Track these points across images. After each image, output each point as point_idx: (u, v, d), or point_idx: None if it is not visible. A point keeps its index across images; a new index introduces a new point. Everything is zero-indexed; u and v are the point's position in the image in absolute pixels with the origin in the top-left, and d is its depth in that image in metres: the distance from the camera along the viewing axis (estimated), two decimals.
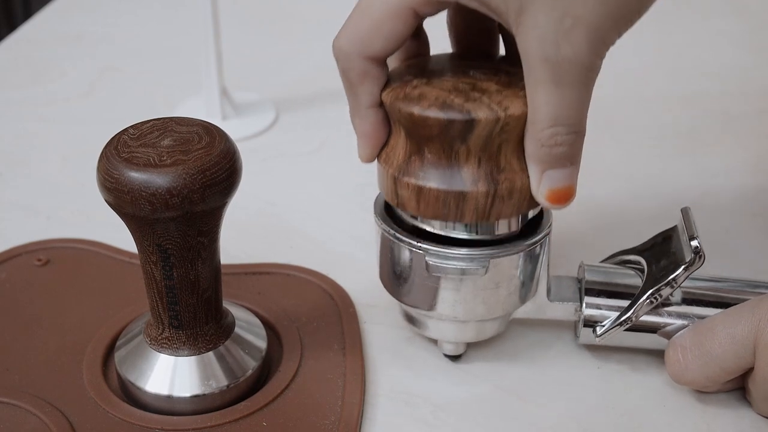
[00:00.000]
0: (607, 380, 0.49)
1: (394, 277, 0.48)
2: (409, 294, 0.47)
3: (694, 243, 0.45)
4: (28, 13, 1.62)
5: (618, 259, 0.52)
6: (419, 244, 0.45)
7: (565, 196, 0.43)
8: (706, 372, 0.45)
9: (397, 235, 0.46)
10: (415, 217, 0.46)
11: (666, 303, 0.47)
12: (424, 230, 0.46)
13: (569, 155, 0.42)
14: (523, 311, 0.49)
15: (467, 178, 0.43)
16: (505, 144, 0.42)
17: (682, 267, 0.46)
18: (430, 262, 0.45)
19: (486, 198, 0.43)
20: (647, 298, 0.46)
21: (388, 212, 0.48)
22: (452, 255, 0.45)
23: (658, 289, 0.46)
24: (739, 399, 0.47)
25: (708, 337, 0.45)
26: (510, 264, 0.46)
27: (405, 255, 0.46)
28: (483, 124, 0.41)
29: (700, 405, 0.47)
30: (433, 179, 0.43)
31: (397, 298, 0.48)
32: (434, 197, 0.43)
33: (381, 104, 0.44)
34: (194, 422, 0.44)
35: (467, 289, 0.46)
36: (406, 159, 0.44)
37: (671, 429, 0.46)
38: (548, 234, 0.47)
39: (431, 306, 0.47)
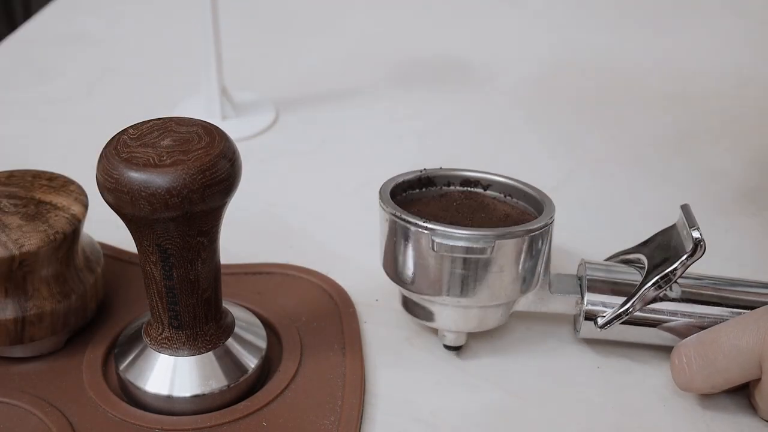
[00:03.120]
0: (607, 380, 0.49)
1: (399, 264, 0.48)
2: (414, 280, 0.47)
3: (696, 233, 0.46)
4: (28, 13, 1.62)
5: (618, 258, 0.52)
6: (426, 224, 0.46)
7: None
8: (711, 382, 0.45)
9: (404, 216, 0.46)
10: None
11: (667, 298, 0.48)
12: None
13: None
14: (525, 303, 0.49)
15: None
16: (30, 274, 0.46)
17: (684, 256, 0.46)
18: (437, 241, 0.45)
19: (15, 324, 0.46)
20: (649, 287, 0.47)
21: (394, 199, 0.49)
22: (458, 235, 0.45)
23: (661, 278, 0.46)
24: (738, 398, 0.47)
25: (712, 348, 0.45)
26: (514, 247, 0.46)
27: (411, 237, 0.46)
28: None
29: (700, 405, 0.47)
30: None
31: (401, 285, 0.48)
32: None
33: None
34: (194, 422, 0.44)
35: (472, 270, 0.46)
36: None
37: (671, 429, 0.46)
38: (550, 224, 0.47)
39: (436, 290, 0.47)
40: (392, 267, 0.49)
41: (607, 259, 0.53)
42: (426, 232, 0.46)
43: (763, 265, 0.57)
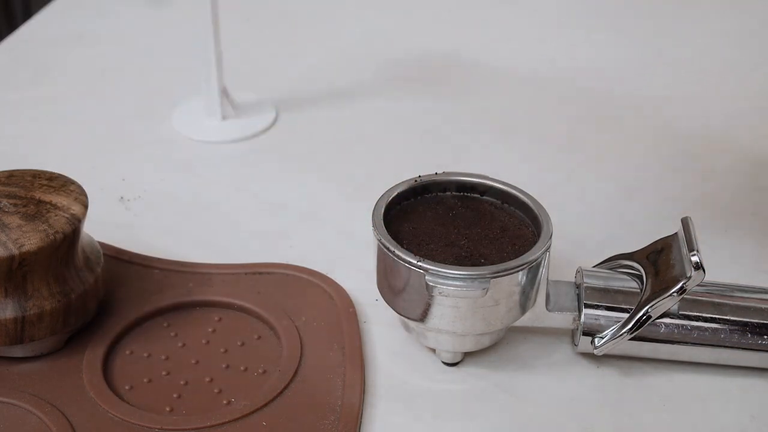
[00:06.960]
0: (606, 380, 0.49)
1: (392, 290, 0.47)
2: (407, 307, 0.47)
3: (695, 258, 0.45)
4: (28, 13, 1.62)
5: (616, 263, 0.51)
6: (419, 263, 0.45)
7: None
8: None
9: (397, 252, 0.46)
10: None
11: (665, 314, 0.47)
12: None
13: None
14: (521, 320, 0.48)
15: None
16: (30, 274, 0.46)
17: (682, 282, 0.45)
18: (430, 283, 0.45)
19: (15, 324, 0.46)
20: (646, 313, 0.46)
21: (387, 224, 0.48)
22: (452, 275, 0.44)
23: (658, 304, 0.46)
24: (739, 398, 0.47)
25: None
26: (510, 282, 0.45)
27: (404, 272, 0.46)
28: None
29: (700, 405, 0.47)
30: None
31: (394, 309, 0.48)
32: None
33: None
34: (194, 422, 0.44)
35: (467, 306, 0.45)
36: None
37: (671, 429, 0.46)
38: (548, 248, 0.47)
39: (429, 320, 0.47)
40: (385, 291, 0.48)
41: (603, 262, 0.52)
42: (420, 271, 0.45)
43: (762, 265, 0.57)
